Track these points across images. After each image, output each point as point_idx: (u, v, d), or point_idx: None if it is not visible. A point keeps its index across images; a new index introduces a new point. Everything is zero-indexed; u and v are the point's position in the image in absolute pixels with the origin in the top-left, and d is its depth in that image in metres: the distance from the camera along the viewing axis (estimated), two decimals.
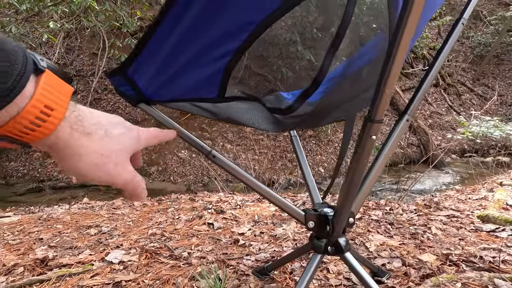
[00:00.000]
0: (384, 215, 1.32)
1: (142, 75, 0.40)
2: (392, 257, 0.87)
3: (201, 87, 0.46)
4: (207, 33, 0.37)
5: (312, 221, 0.57)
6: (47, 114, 0.21)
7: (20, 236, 1.17)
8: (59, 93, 0.22)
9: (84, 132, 0.24)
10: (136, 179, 0.29)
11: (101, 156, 0.26)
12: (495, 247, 0.88)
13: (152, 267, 0.87)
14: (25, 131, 0.21)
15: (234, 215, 1.32)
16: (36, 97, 0.21)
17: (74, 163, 0.25)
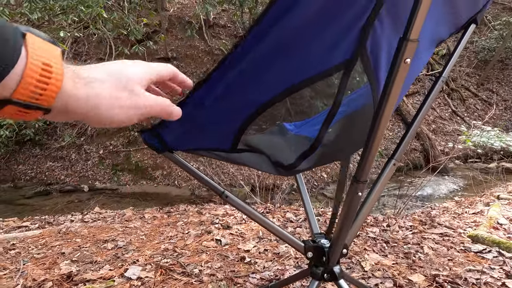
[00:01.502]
0: (381, 232, 1.40)
1: (168, 133, 0.47)
2: (385, 277, 0.95)
3: (217, 141, 0.54)
4: (225, 105, 0.44)
5: (310, 251, 0.66)
6: (48, 71, 0.22)
7: (43, 250, 1.28)
8: (49, 52, 0.23)
9: (88, 82, 0.25)
10: (157, 101, 0.29)
11: (114, 97, 0.26)
12: (480, 269, 0.96)
13: (167, 283, 0.96)
14: (36, 91, 0.21)
15: (240, 231, 1.42)
16: (30, 55, 0.21)
17: (93, 116, 0.25)
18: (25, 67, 0.21)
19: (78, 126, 5.69)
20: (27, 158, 5.68)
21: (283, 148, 0.65)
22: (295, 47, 0.38)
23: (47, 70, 0.22)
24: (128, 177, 5.35)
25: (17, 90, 0.21)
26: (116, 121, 0.27)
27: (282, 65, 0.40)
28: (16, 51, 0.20)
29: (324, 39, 0.39)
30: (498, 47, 9.49)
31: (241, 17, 6.43)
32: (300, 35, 0.37)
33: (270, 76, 0.42)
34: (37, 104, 0.22)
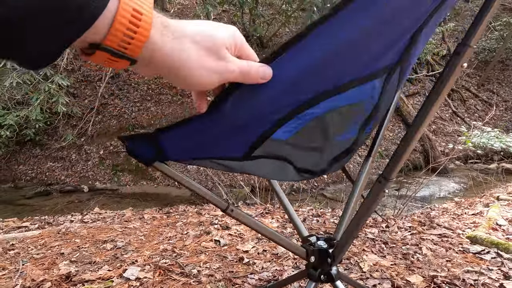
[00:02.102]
0: (380, 233, 1.40)
1: (173, 141, 0.40)
2: (383, 278, 0.95)
3: (228, 149, 0.47)
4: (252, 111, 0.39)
5: (313, 256, 0.66)
6: (138, 18, 0.21)
7: (43, 251, 1.29)
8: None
9: (176, 37, 0.24)
10: (244, 66, 0.28)
11: (200, 57, 0.25)
12: (478, 270, 0.96)
13: (166, 284, 0.97)
14: (125, 39, 0.21)
15: (239, 232, 1.42)
16: (122, 0, 0.20)
17: (178, 72, 0.25)
18: (116, 11, 0.20)
19: (78, 126, 5.71)
20: (28, 158, 5.69)
21: (312, 154, 0.60)
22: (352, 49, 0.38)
23: (136, 17, 0.21)
24: (128, 177, 5.36)
25: (108, 36, 0.20)
26: (196, 83, 0.26)
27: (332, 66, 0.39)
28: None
29: (381, 43, 0.39)
30: (498, 48, 9.49)
31: (242, 18, 6.44)
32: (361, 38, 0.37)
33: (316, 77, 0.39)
34: (123, 53, 0.21)
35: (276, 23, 6.63)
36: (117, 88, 6.29)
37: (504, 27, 9.37)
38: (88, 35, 0.19)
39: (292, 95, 0.39)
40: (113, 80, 6.28)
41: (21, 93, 4.93)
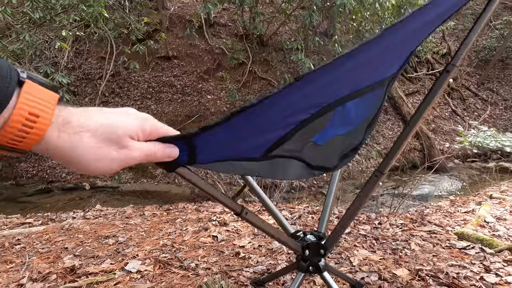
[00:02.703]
0: (372, 229, 1.45)
1: (204, 142, 0.41)
2: (371, 272, 1.00)
3: (251, 149, 0.49)
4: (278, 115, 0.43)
5: (307, 249, 0.71)
6: (33, 121, 0.22)
7: (47, 245, 1.34)
8: (43, 101, 0.23)
9: (74, 132, 0.25)
10: (150, 149, 0.30)
11: (99, 149, 0.26)
12: (461, 264, 1.01)
13: (166, 276, 1.02)
14: (16, 139, 0.22)
15: (236, 228, 1.47)
16: (18, 106, 0.22)
17: (75, 163, 0.26)
18: (9, 118, 0.22)
19: None
20: (29, 156, 5.73)
21: (326, 152, 0.63)
22: (367, 66, 0.46)
23: (31, 120, 0.22)
24: (128, 175, 5.41)
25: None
26: (96, 171, 0.27)
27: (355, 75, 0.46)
28: (5, 102, 0.21)
29: (391, 59, 0.49)
30: (499, 47, 9.48)
31: (242, 16, 6.45)
32: (373, 59, 0.44)
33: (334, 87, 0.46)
34: (14, 148, 0.23)
35: (276, 21, 6.64)
36: (117, 86, 6.32)
37: (504, 25, 9.36)
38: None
39: (316, 99, 0.45)
40: (114, 78, 6.31)
41: None
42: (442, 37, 9.97)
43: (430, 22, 0.45)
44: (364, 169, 6.04)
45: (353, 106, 0.52)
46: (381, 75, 0.51)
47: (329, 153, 0.63)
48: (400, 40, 0.44)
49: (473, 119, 7.88)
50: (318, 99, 0.46)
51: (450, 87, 9.05)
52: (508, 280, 0.90)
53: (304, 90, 0.41)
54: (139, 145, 0.29)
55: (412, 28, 0.43)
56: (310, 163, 0.59)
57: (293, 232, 0.78)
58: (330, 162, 0.63)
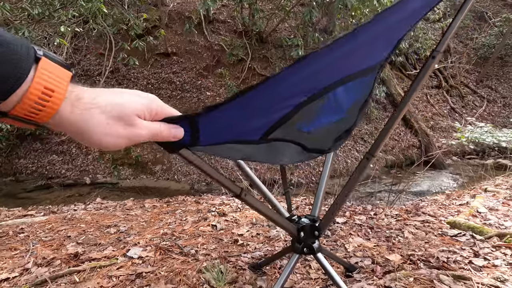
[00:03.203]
0: (367, 219, 1.49)
1: (207, 123, 0.42)
2: (365, 257, 1.04)
3: (249, 131, 0.51)
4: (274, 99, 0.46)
5: (302, 231, 0.74)
6: (48, 95, 0.24)
7: (50, 234, 1.37)
8: (57, 77, 0.25)
9: (85, 108, 0.27)
10: (156, 129, 0.32)
11: (108, 125, 0.28)
12: (452, 250, 1.05)
13: (166, 261, 1.05)
14: (32, 111, 0.24)
15: (235, 218, 1.50)
16: (35, 80, 0.24)
17: (86, 138, 0.28)
18: (27, 91, 0.23)
19: None
20: (28, 152, 5.74)
21: (320, 137, 0.65)
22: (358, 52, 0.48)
23: (47, 94, 0.24)
24: (128, 171, 5.43)
25: (15, 109, 0.24)
26: (104, 146, 0.29)
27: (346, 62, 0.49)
28: (23, 76, 0.23)
29: (380, 46, 0.52)
30: (498, 44, 9.48)
31: (241, 13, 6.44)
32: (363, 46, 0.47)
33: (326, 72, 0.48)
34: (31, 121, 0.25)
35: (276, 18, 6.63)
36: (116, 83, 6.32)
37: (503, 23, 9.35)
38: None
39: (312, 82, 0.47)
40: (113, 75, 6.31)
41: None
42: (441, 34, 9.97)
43: (418, 10, 0.48)
44: None
45: (344, 91, 0.55)
46: (372, 61, 0.54)
47: (324, 137, 0.66)
48: (388, 28, 0.47)
49: (472, 116, 7.92)
50: (312, 83, 0.48)
51: (449, 84, 9.08)
52: (495, 263, 0.94)
53: (298, 75, 0.43)
54: (146, 124, 0.31)
55: (399, 16, 0.46)
56: (306, 146, 0.63)
57: (288, 216, 0.81)
58: (325, 145, 0.67)
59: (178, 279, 0.93)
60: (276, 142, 0.57)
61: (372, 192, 4.82)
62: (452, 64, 9.61)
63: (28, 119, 0.25)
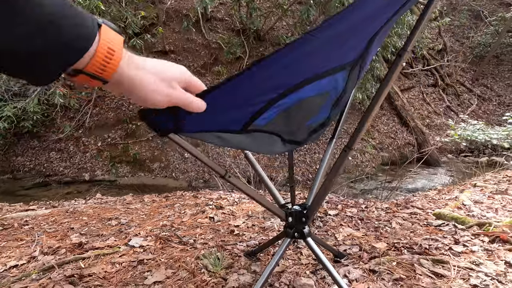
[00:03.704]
0: (358, 212, 1.55)
1: (188, 113, 0.45)
2: (353, 245, 1.11)
3: (230, 122, 0.57)
4: (248, 92, 0.50)
5: (291, 216, 0.80)
6: (111, 54, 0.30)
7: (54, 226, 1.42)
8: (115, 40, 0.30)
9: (138, 68, 0.33)
10: (188, 97, 0.38)
11: (155, 83, 0.34)
12: (434, 238, 1.12)
13: (166, 250, 1.11)
14: (100, 67, 0.30)
15: (231, 211, 1.57)
16: (101, 42, 0.29)
17: (138, 92, 0.33)
18: (96, 50, 0.29)
19: (76, 118, 5.77)
20: (26, 149, 5.75)
21: (296, 128, 0.70)
22: (328, 49, 0.50)
23: (110, 53, 0.30)
24: (126, 169, 5.46)
25: (88, 65, 0.29)
26: (150, 101, 0.35)
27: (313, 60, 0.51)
28: (93, 38, 0.29)
29: (348, 45, 0.54)
30: (493, 43, 9.58)
31: (239, 11, 6.47)
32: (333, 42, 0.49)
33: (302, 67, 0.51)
34: (99, 76, 0.30)
35: (273, 16, 6.66)
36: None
37: (499, 22, 9.45)
38: (76, 65, 0.29)
39: (283, 78, 0.51)
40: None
41: (18, 84, 4.97)
42: (438, 33, 10.05)
43: (382, 8, 0.49)
44: (359, 163, 6.17)
45: (312, 89, 0.56)
46: (340, 61, 0.56)
47: (299, 122, 0.68)
48: (351, 27, 0.48)
49: (467, 114, 8.02)
50: (281, 81, 0.51)
51: (445, 83, 9.18)
52: (473, 249, 1.01)
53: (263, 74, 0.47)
54: (181, 91, 0.37)
55: (363, 15, 0.47)
56: (283, 137, 0.67)
57: (283, 203, 0.87)
58: (300, 136, 0.71)
59: (178, 265, 0.99)
60: (257, 132, 0.62)
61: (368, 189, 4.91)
62: (448, 62, 9.70)
63: (97, 75, 0.30)
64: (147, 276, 0.93)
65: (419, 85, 9.07)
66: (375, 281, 0.86)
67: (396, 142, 7.09)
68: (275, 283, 0.87)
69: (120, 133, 5.74)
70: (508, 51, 9.85)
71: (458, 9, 11.17)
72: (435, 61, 9.61)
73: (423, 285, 0.82)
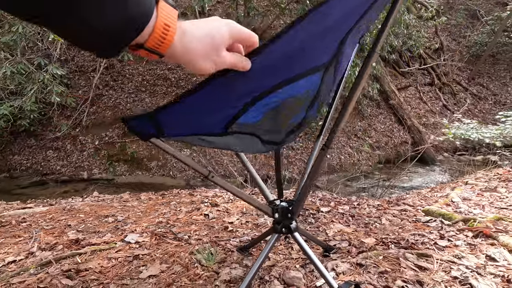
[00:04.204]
0: (350, 209, 1.59)
1: (167, 119, 0.50)
2: (343, 240, 1.14)
3: (210, 126, 0.60)
4: (226, 96, 0.52)
5: (277, 212, 0.83)
6: (167, 29, 0.32)
7: (52, 223, 1.45)
8: (170, 15, 0.32)
9: (189, 41, 0.35)
10: (233, 60, 0.40)
11: (205, 52, 0.37)
12: (421, 233, 1.16)
13: (161, 245, 1.14)
14: (158, 42, 0.32)
15: (226, 208, 1.60)
16: (159, 18, 0.31)
17: (191, 63, 0.37)
18: (154, 25, 0.31)
19: (73, 117, 5.76)
20: (22, 148, 5.73)
21: (275, 129, 0.72)
22: (300, 52, 0.51)
23: (166, 29, 0.32)
24: (123, 167, 5.47)
25: (148, 40, 0.32)
26: (202, 69, 0.38)
27: (284, 63, 0.51)
28: (151, 13, 0.31)
29: (318, 48, 0.55)
30: (489, 42, 9.64)
31: (236, 9, 6.47)
32: (302, 46, 0.50)
33: (273, 70, 0.51)
34: (157, 51, 0.33)
35: (271, 15, 6.68)
36: (111, 79, 6.31)
37: (495, 21, 9.51)
38: (137, 40, 0.32)
39: (260, 82, 0.52)
40: (108, 71, 6.30)
41: (14, 83, 4.95)
42: (434, 32, 10.11)
43: (350, 11, 0.50)
44: (356, 161, 6.23)
45: (288, 90, 0.57)
46: (311, 64, 0.57)
47: (278, 123, 0.69)
48: (321, 29, 0.48)
49: (463, 113, 8.09)
50: (256, 83, 0.52)
51: (442, 81, 9.25)
52: (457, 243, 1.05)
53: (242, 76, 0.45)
54: (229, 56, 0.39)
55: (332, 18, 0.48)
56: (262, 138, 0.70)
57: (271, 200, 0.91)
58: (278, 137, 0.73)
59: (172, 260, 1.03)
60: (238, 134, 0.65)
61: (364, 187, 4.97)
62: (445, 61, 9.75)
63: (155, 49, 0.33)
64: (142, 270, 0.96)
65: (416, 84, 9.12)
66: (361, 274, 0.89)
67: (393, 141, 7.15)
68: (266, 276, 0.90)
69: (118, 131, 5.74)
70: (504, 50, 9.92)
71: (455, 8, 11.22)
72: (431, 60, 9.67)
73: (406, 277, 0.86)
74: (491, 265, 0.90)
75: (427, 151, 5.73)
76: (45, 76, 4.76)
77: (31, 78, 4.92)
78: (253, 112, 0.59)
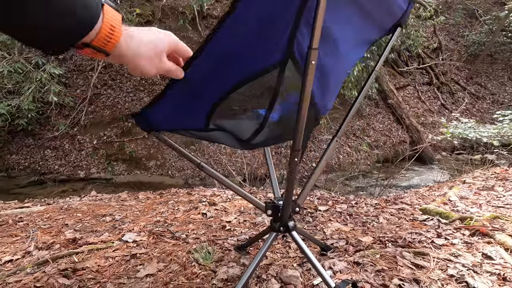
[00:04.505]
0: (348, 208, 1.60)
1: (153, 116, 0.61)
2: (340, 238, 1.15)
3: (192, 122, 0.68)
4: (200, 90, 0.58)
5: (270, 209, 0.83)
6: (112, 30, 0.35)
7: (49, 222, 1.44)
8: (115, 17, 0.35)
9: (135, 42, 0.39)
10: (171, 67, 0.46)
11: (148, 56, 0.41)
12: (418, 232, 1.16)
13: (159, 244, 1.14)
14: (104, 42, 0.35)
15: (224, 207, 1.60)
16: (105, 19, 0.34)
17: (137, 63, 0.40)
18: (100, 27, 0.35)
19: (71, 116, 5.73)
20: (20, 148, 5.70)
21: (243, 127, 0.77)
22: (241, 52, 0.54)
23: (112, 29, 0.35)
24: (122, 167, 5.45)
25: (94, 40, 0.35)
26: (146, 72, 0.42)
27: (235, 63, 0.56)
28: (97, 16, 0.34)
29: (263, 46, 0.56)
30: (488, 42, 9.66)
31: None
32: (247, 43, 0.52)
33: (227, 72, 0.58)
34: (103, 49, 0.36)
35: None
36: (109, 78, 6.29)
37: (493, 21, 9.53)
38: (84, 39, 0.35)
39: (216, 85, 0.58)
40: (106, 70, 6.27)
41: (12, 82, 4.92)
42: (433, 32, 10.12)
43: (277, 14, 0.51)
44: (354, 160, 6.24)
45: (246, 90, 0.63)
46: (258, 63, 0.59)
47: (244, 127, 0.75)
48: (243, 32, 0.50)
49: (462, 112, 8.11)
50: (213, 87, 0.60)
51: (440, 81, 9.27)
52: (454, 242, 1.06)
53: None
54: (168, 63, 0.45)
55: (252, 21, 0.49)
56: (235, 135, 0.76)
57: (278, 196, 0.91)
58: (245, 134, 0.76)
59: (170, 258, 1.02)
60: (221, 131, 0.72)
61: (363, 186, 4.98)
62: (443, 61, 9.77)
63: (102, 48, 0.36)
64: (139, 269, 0.96)
65: (414, 83, 9.14)
66: (358, 272, 0.90)
67: (391, 140, 7.16)
68: (263, 275, 0.90)
69: (116, 131, 5.72)
70: (502, 50, 9.95)
71: (453, 8, 11.24)
72: (430, 60, 9.68)
73: (403, 276, 0.86)
74: (488, 263, 0.90)
75: (425, 150, 5.75)
76: (43, 75, 4.74)
77: (28, 77, 4.90)
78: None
